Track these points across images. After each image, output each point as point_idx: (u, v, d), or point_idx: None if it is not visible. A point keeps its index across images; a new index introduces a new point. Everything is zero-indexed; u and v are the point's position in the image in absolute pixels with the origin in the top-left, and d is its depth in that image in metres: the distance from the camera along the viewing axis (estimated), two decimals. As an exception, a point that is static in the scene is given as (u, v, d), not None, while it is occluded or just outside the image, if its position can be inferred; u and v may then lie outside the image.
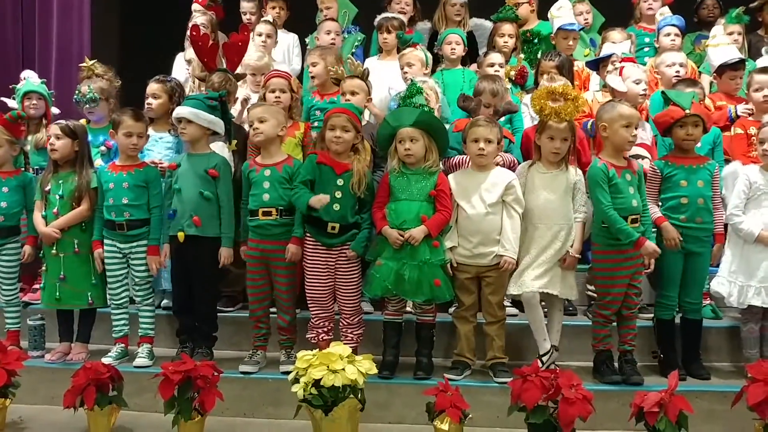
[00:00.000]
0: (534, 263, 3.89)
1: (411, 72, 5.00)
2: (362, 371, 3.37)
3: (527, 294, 3.89)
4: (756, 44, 5.93)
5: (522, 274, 3.90)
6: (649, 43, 6.08)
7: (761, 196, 3.96)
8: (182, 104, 4.25)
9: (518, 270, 3.92)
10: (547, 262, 3.89)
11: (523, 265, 3.91)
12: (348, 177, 3.98)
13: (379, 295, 3.95)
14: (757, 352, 4.01)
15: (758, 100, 4.67)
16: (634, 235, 3.76)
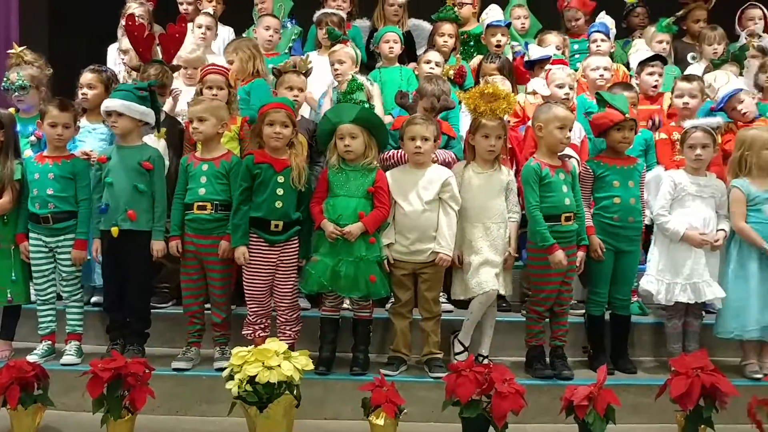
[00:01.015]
0: (488, 263, 3.95)
1: (341, 69, 4.98)
2: (298, 367, 3.36)
3: (492, 293, 3.94)
4: (682, 51, 6.14)
5: (479, 273, 3.94)
6: (578, 50, 6.22)
7: (686, 197, 4.10)
8: (111, 96, 4.15)
9: (472, 270, 3.96)
10: (498, 263, 3.97)
11: (476, 264, 3.95)
12: (288, 173, 3.95)
13: (315, 290, 3.95)
14: (680, 346, 4.15)
15: (679, 106, 4.82)
16: (548, 241, 3.86)
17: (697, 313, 4.19)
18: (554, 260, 3.87)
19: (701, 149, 4.07)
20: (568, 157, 4.22)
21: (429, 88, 4.39)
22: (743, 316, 3.99)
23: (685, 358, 3.48)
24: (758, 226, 4.01)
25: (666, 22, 6.10)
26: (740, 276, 4.03)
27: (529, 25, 6.44)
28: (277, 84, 4.62)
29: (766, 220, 4.01)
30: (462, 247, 4.01)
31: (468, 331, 4.05)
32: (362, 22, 6.28)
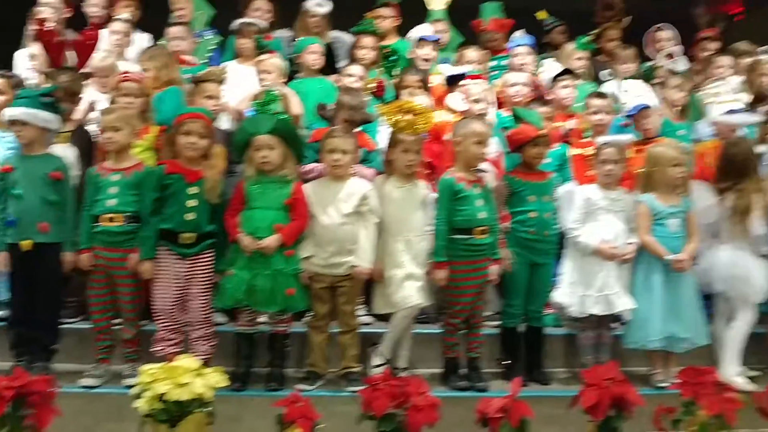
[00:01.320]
0: (411, 277, 3.96)
1: (268, 79, 4.94)
2: (211, 384, 3.27)
3: (417, 307, 3.96)
4: (596, 69, 6.32)
5: (402, 287, 3.95)
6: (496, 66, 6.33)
7: (597, 212, 4.21)
8: (14, 104, 3.99)
9: (395, 284, 3.96)
10: (421, 276, 3.99)
11: (399, 279, 3.96)
12: (201, 184, 3.88)
13: (231, 305, 3.89)
14: (592, 357, 4.25)
15: (593, 122, 4.92)
16: (438, 257, 3.94)
17: (609, 324, 4.30)
18: (436, 277, 3.94)
19: (612, 165, 4.19)
20: (484, 171, 4.28)
21: (347, 100, 4.39)
22: (647, 326, 4.11)
23: (596, 369, 3.53)
24: (664, 239, 4.15)
25: (585, 40, 6.26)
26: (645, 288, 4.16)
27: (449, 39, 6.51)
28: (194, 93, 4.53)
29: (671, 234, 4.16)
30: (384, 261, 4.01)
31: (390, 344, 4.04)
32: (283, 32, 6.24)
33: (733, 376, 4.12)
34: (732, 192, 4.26)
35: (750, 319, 4.27)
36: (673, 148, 4.25)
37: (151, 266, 3.85)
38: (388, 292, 3.99)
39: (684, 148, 4.43)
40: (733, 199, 4.24)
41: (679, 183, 4.20)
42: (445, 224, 3.96)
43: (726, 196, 4.28)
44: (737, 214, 4.22)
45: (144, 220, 3.89)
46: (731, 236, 4.26)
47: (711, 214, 4.29)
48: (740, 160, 4.30)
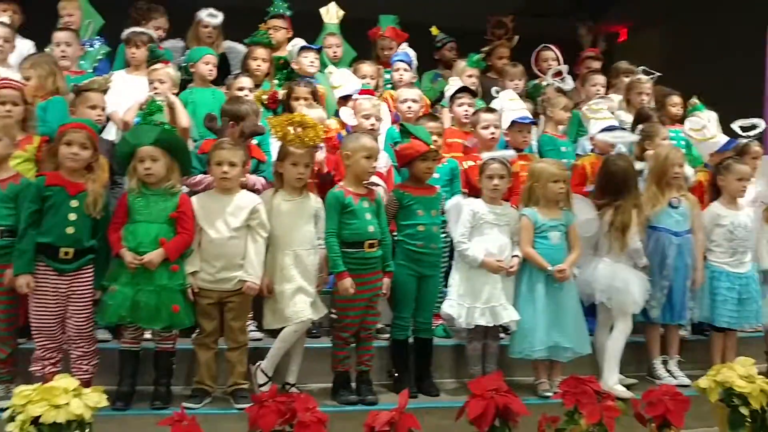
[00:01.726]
0: (302, 291, 3.92)
1: (161, 89, 4.82)
2: (90, 405, 3.14)
3: (307, 321, 3.93)
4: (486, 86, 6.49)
5: (293, 302, 3.90)
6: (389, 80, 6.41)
7: (483, 226, 4.29)
8: None
9: (286, 298, 3.91)
10: (311, 290, 3.96)
11: (289, 293, 3.91)
12: (82, 198, 3.73)
13: (114, 322, 3.75)
14: (480, 368, 4.32)
15: (487, 137, 5.07)
16: (338, 268, 3.93)
17: (496, 335, 4.38)
18: (341, 287, 3.93)
19: (498, 179, 4.30)
20: (375, 185, 4.31)
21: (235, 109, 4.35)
22: (531, 336, 4.22)
23: (481, 380, 3.59)
24: (546, 251, 4.27)
25: (476, 58, 6.44)
26: (529, 299, 4.27)
27: (342, 53, 6.54)
28: (78, 103, 4.36)
29: (552, 246, 4.29)
30: (273, 275, 3.96)
31: (274, 360, 3.98)
32: (175, 42, 6.12)
33: (613, 384, 4.29)
34: (611, 208, 4.44)
35: (627, 329, 4.44)
36: (554, 164, 4.40)
37: (27, 281, 3.66)
38: (278, 306, 3.94)
39: (565, 164, 4.59)
40: (611, 214, 4.42)
41: (560, 197, 4.35)
42: (335, 236, 3.96)
43: (605, 212, 4.46)
44: (616, 229, 4.40)
45: (20, 233, 3.70)
46: (610, 249, 4.44)
47: (591, 227, 4.46)
48: (620, 177, 4.49)
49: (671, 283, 4.56)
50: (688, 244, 4.60)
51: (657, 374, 4.63)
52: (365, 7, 6.69)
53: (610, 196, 4.47)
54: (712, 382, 3.79)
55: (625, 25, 10.43)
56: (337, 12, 6.67)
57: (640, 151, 5.04)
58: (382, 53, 6.62)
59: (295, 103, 5.12)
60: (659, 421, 3.55)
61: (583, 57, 7.37)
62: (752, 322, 4.77)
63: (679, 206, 4.61)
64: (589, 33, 7.94)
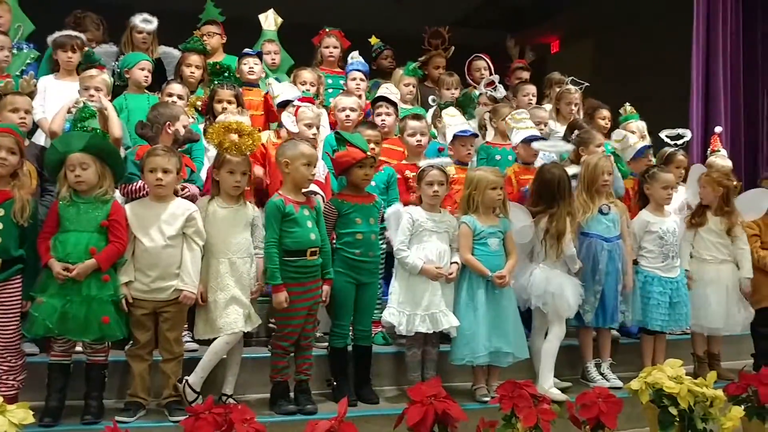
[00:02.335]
0: (235, 301, 3.87)
1: (98, 96, 4.71)
2: (14, 422, 3.04)
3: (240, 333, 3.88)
4: (423, 94, 6.57)
5: (227, 312, 3.84)
6: (332, 84, 6.42)
7: (423, 233, 4.30)
8: None
9: (220, 308, 3.85)
10: (246, 300, 3.91)
11: (222, 302, 3.85)
12: (9, 205, 3.61)
13: (41, 335, 3.62)
14: (419, 374, 4.34)
15: (413, 144, 5.09)
16: (275, 280, 3.90)
17: (435, 341, 4.40)
18: (276, 300, 3.90)
19: (438, 186, 4.33)
20: (313, 193, 4.29)
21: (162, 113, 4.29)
22: (473, 342, 4.23)
23: (420, 386, 3.62)
24: (485, 257, 4.31)
25: (412, 67, 6.51)
26: (470, 305, 4.29)
27: (280, 60, 6.52)
28: (0, 107, 4.22)
29: (491, 252, 4.33)
30: (208, 283, 3.90)
31: (203, 374, 3.89)
32: (109, 47, 5.98)
33: (548, 388, 4.36)
34: (546, 215, 4.52)
35: (561, 334, 4.52)
36: (491, 172, 4.45)
37: None
38: (210, 316, 3.88)
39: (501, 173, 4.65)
40: (546, 222, 4.50)
41: (497, 204, 4.41)
42: (275, 246, 3.92)
43: (540, 219, 4.54)
44: (551, 237, 4.47)
45: None
46: (546, 256, 4.52)
47: (526, 234, 4.54)
48: (554, 185, 4.57)
49: (603, 288, 4.66)
50: (619, 250, 4.71)
51: (590, 377, 4.72)
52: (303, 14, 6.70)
53: (545, 203, 4.55)
54: (643, 384, 3.91)
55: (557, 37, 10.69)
56: (276, 19, 6.66)
57: (576, 156, 5.16)
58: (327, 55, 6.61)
59: (218, 106, 5.08)
60: (593, 423, 3.64)
61: (512, 68, 7.55)
62: (682, 325, 4.91)
63: (609, 213, 4.73)
64: (516, 45, 8.13)
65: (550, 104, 6.53)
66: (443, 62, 7.07)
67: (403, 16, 8.32)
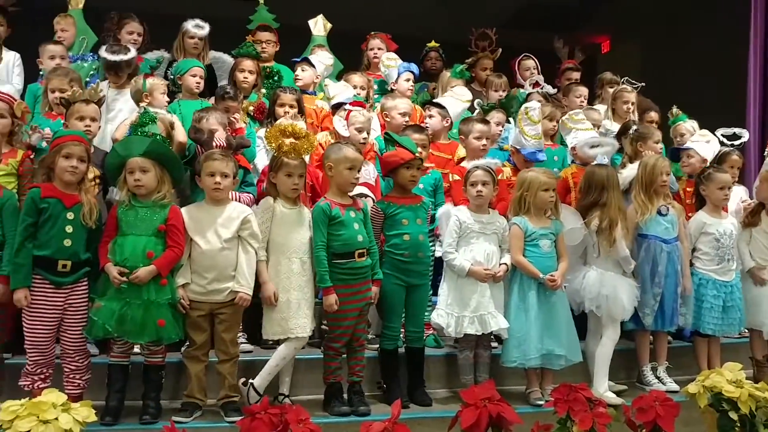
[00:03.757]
0: (304, 302, 3.92)
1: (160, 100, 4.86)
2: (79, 420, 3.10)
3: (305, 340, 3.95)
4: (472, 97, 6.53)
5: (298, 315, 3.90)
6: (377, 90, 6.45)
7: (470, 235, 4.30)
8: None
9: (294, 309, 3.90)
10: (311, 301, 3.95)
11: (295, 303, 3.90)
12: (78, 209, 3.71)
13: (101, 336, 3.71)
14: (471, 377, 4.33)
15: (477, 147, 5.04)
16: (325, 282, 3.93)
17: (487, 344, 4.39)
18: (327, 302, 3.93)
19: (482, 186, 4.31)
20: (363, 196, 4.31)
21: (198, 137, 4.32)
22: (524, 345, 4.22)
23: (474, 389, 3.59)
24: (536, 259, 4.29)
25: (460, 69, 6.49)
26: (521, 307, 4.28)
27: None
28: (68, 115, 4.34)
29: (543, 254, 4.30)
30: (279, 283, 3.93)
31: (269, 377, 3.95)
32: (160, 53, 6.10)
33: (603, 391, 4.31)
34: (597, 209, 4.47)
35: (615, 337, 4.47)
36: (543, 173, 4.42)
37: (24, 295, 3.63)
38: (283, 316, 3.91)
39: (554, 173, 4.62)
40: (598, 215, 4.45)
41: (549, 206, 4.38)
42: (324, 250, 3.95)
43: (591, 215, 4.48)
44: (603, 230, 4.42)
45: (11, 246, 3.67)
46: (599, 255, 4.47)
47: (577, 236, 4.49)
48: (601, 180, 4.53)
49: (663, 290, 4.59)
50: (678, 251, 4.64)
51: (646, 380, 4.66)
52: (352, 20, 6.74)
53: (593, 198, 4.51)
54: (701, 388, 3.82)
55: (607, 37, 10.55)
56: (325, 24, 6.71)
57: (634, 152, 5.09)
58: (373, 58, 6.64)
59: (280, 110, 5.13)
60: (650, 427, 3.57)
61: (562, 69, 7.47)
62: (734, 330, 4.83)
63: (667, 214, 4.66)
64: (565, 45, 8.05)
65: (601, 104, 6.46)
66: (491, 64, 7.03)
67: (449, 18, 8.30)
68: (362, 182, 4.47)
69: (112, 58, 5.34)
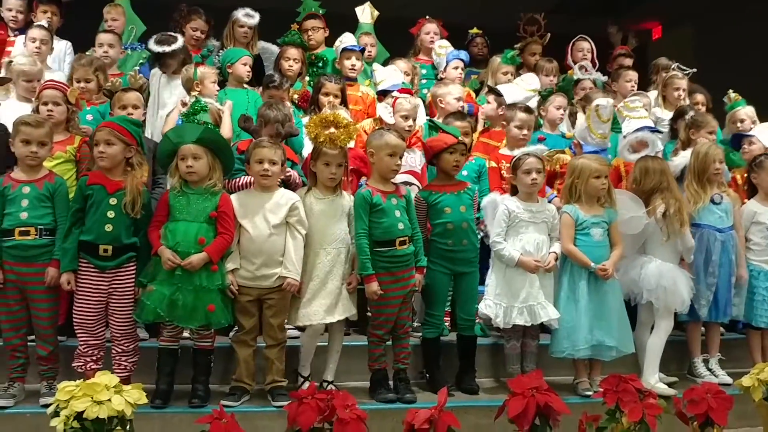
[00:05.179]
0: (321, 292, 3.92)
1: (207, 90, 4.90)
2: (130, 401, 3.16)
3: (317, 326, 3.94)
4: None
5: (311, 303, 3.91)
6: (426, 75, 6.41)
7: (519, 224, 4.25)
8: None
9: (306, 298, 3.92)
10: (335, 291, 3.95)
11: (310, 293, 3.92)
12: (121, 196, 3.77)
13: (151, 320, 3.78)
14: (518, 367, 4.29)
15: (517, 136, 4.98)
16: (367, 270, 3.93)
17: (534, 334, 4.34)
18: (368, 290, 3.93)
19: (536, 174, 4.25)
20: (408, 184, 4.29)
21: (272, 114, 4.35)
22: (574, 335, 4.16)
23: (521, 378, 3.57)
24: (587, 248, 4.21)
25: (511, 54, 6.42)
26: (571, 297, 4.21)
27: (376, 53, 6.56)
28: (112, 105, 4.44)
29: (594, 243, 4.23)
30: (303, 273, 3.95)
31: (305, 362, 4.02)
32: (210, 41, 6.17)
33: (654, 383, 4.23)
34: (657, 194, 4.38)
35: (669, 328, 4.39)
36: (595, 160, 4.34)
37: (68, 279, 3.73)
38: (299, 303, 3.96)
39: (606, 160, 4.54)
40: (661, 200, 4.36)
41: (601, 194, 4.29)
42: (365, 237, 3.94)
43: (655, 202, 4.38)
44: (673, 215, 4.32)
45: (62, 231, 3.76)
46: (667, 240, 4.37)
47: (636, 225, 4.38)
48: (658, 171, 4.44)
49: (717, 281, 4.50)
50: (732, 241, 4.54)
51: (698, 373, 4.56)
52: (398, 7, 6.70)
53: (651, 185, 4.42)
54: (755, 381, 3.73)
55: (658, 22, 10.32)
56: (372, 12, 6.69)
57: (687, 139, 4.98)
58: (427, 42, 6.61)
59: (324, 99, 5.12)
60: (702, 420, 3.50)
61: (615, 54, 7.34)
62: (788, 323, 4.70)
63: (721, 202, 4.56)
64: (619, 31, 7.89)
65: (653, 91, 6.32)
66: (539, 49, 6.91)
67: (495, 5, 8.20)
68: (408, 170, 4.45)
69: (157, 49, 5.41)
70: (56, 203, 3.81)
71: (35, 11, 5.96)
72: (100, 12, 6.17)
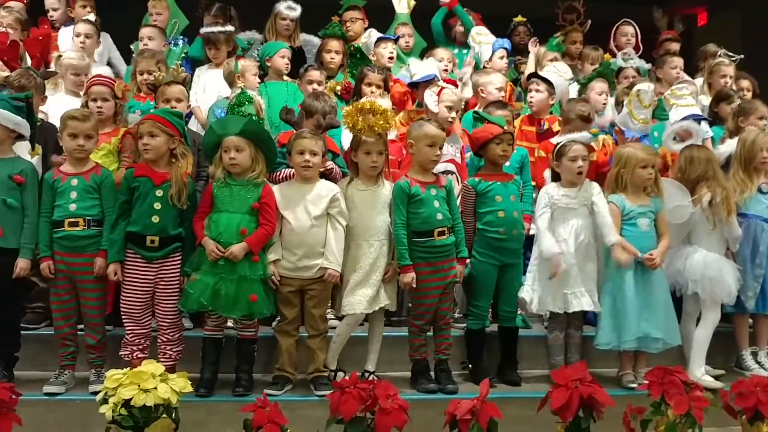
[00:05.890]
0: (365, 283, 3.93)
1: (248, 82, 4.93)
2: (176, 390, 3.21)
3: (359, 315, 3.95)
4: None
5: (354, 293, 3.92)
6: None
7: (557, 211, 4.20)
8: None
9: (349, 288, 3.94)
10: (377, 282, 3.96)
11: (353, 283, 3.93)
12: (167, 187, 3.82)
13: (195, 310, 3.84)
14: (562, 358, 4.26)
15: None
16: (404, 261, 3.92)
17: (578, 324, 4.30)
18: (403, 280, 3.93)
19: (582, 161, 4.21)
20: (449, 173, 4.27)
21: (316, 105, 4.36)
22: (621, 327, 4.10)
23: (565, 370, 3.54)
24: (634, 238, 4.14)
25: (556, 41, 6.37)
26: (617, 288, 4.15)
27: (414, 43, 6.54)
28: (156, 98, 4.49)
29: (641, 233, 4.16)
30: (345, 265, 3.97)
31: (334, 354, 4.03)
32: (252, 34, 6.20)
33: (700, 375, 4.17)
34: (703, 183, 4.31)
35: (716, 320, 4.32)
36: (641, 149, 4.27)
37: (115, 269, 3.80)
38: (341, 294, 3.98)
39: (653, 150, 4.46)
40: (707, 188, 4.29)
41: (648, 183, 4.22)
42: (403, 228, 3.94)
43: (701, 191, 4.31)
44: (720, 203, 4.25)
45: (109, 223, 3.84)
46: (714, 228, 4.31)
47: (682, 214, 4.31)
48: (704, 160, 4.37)
49: (764, 272, 4.40)
50: (780, 231, 4.45)
51: (746, 365, 4.48)
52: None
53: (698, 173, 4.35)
54: (808, 374, 3.66)
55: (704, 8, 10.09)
56: (409, 2, 6.68)
57: (735, 127, 4.88)
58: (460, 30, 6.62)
59: (367, 89, 5.13)
60: (751, 413, 3.44)
61: (661, 40, 7.19)
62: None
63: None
64: (664, 16, 7.74)
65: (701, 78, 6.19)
66: (580, 37, 6.81)
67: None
68: (448, 159, 4.43)
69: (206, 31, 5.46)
70: (103, 195, 3.88)
71: (72, 6, 6.06)
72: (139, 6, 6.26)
